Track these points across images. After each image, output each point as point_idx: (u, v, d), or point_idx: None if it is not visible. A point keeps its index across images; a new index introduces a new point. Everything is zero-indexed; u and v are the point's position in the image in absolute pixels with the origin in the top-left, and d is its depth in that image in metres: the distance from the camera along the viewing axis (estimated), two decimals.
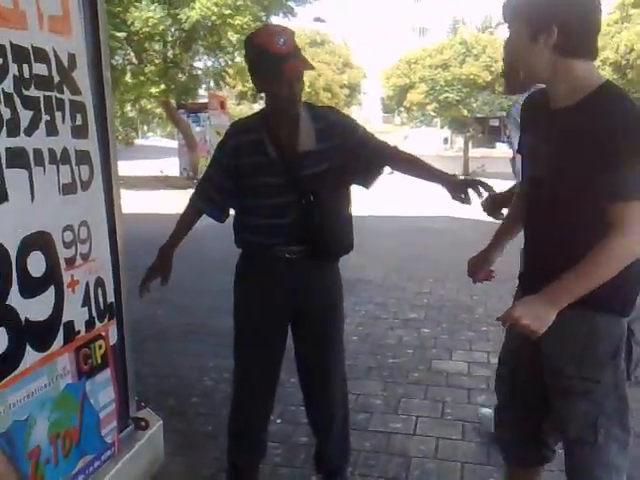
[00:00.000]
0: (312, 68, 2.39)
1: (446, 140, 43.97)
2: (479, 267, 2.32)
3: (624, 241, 1.65)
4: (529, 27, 1.73)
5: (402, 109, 33.53)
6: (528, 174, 1.96)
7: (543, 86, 1.87)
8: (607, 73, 24.87)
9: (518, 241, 2.27)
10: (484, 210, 2.49)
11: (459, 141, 36.03)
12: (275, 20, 21.58)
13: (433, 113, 31.82)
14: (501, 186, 2.60)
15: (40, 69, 2.12)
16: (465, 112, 30.55)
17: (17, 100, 2.01)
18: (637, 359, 1.83)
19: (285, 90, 2.33)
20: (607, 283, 1.67)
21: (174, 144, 28.77)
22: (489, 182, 2.31)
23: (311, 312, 2.58)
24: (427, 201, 15.13)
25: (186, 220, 2.65)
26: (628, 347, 1.81)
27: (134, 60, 20.49)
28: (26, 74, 2.05)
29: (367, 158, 2.54)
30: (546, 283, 1.73)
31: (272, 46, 2.26)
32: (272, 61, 2.26)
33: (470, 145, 32.52)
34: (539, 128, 1.87)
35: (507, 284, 4.76)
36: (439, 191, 2.51)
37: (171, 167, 23.62)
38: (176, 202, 13.89)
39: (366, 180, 2.59)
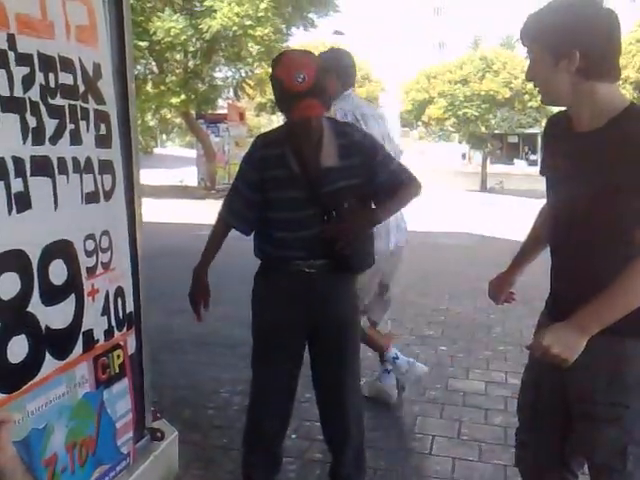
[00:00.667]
0: (327, 109, 2.37)
1: (464, 156, 43.91)
2: (500, 289, 2.29)
3: None
4: (550, 52, 1.71)
5: (420, 124, 33.59)
6: (554, 197, 1.93)
7: None
8: (627, 92, 24.76)
9: (536, 261, 2.25)
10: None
11: (477, 157, 35.97)
12: (295, 32, 21.72)
13: (452, 128, 31.85)
14: (520, 203, 2.59)
15: (66, 78, 2.13)
16: (484, 128, 30.54)
17: (43, 109, 2.02)
18: None
19: (298, 126, 2.35)
20: (636, 308, 1.64)
21: (192, 153, 28.95)
22: (507, 199, 2.29)
23: (327, 327, 2.58)
24: (444, 217, 15.11)
25: (217, 237, 2.65)
26: None
27: (155, 70, 20.66)
28: (52, 83, 2.07)
29: (381, 186, 2.56)
30: (573, 308, 1.70)
31: (289, 82, 2.24)
32: (287, 98, 2.27)
33: (488, 161, 32.49)
34: (563, 151, 1.85)
35: (526, 304, 4.73)
36: (457, 207, 2.49)
37: (189, 177, 23.74)
38: (193, 212, 13.91)
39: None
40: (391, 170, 2.59)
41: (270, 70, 2.38)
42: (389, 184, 2.57)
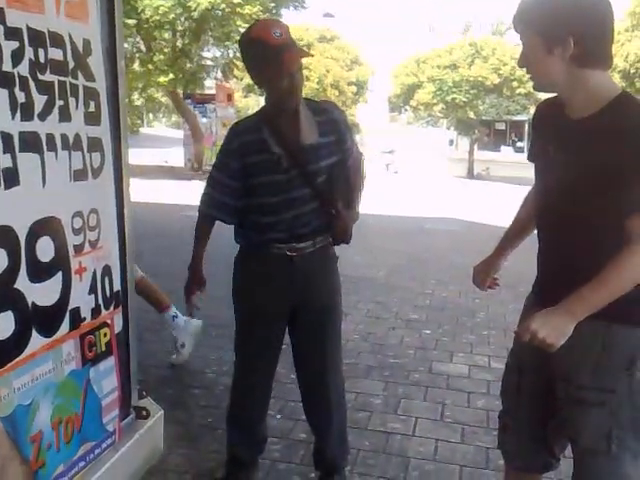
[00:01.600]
0: (310, 55, 2.40)
1: (452, 142, 43.93)
2: (484, 275, 2.29)
3: None
4: (544, 39, 1.70)
5: (408, 108, 33.52)
6: (543, 182, 1.94)
7: None
8: (615, 80, 24.78)
9: (520, 247, 2.26)
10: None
11: (464, 143, 35.99)
12: (285, 13, 21.55)
13: (440, 114, 31.81)
14: (506, 190, 2.60)
15: (55, 54, 2.11)
16: (472, 114, 30.53)
17: (32, 84, 2.00)
18: None
19: (286, 81, 2.32)
20: (623, 294, 1.66)
21: (178, 134, 28.76)
22: (493, 186, 2.30)
23: (309, 310, 2.59)
24: (432, 202, 15.16)
25: (203, 233, 2.63)
26: None
27: (143, 48, 20.43)
28: (42, 58, 2.05)
29: (350, 168, 2.62)
30: (560, 292, 1.71)
31: (269, 38, 2.26)
32: (271, 53, 2.26)
33: (475, 148, 32.53)
34: (555, 137, 1.85)
35: (510, 289, 4.77)
36: (444, 193, 2.52)
37: (175, 157, 23.57)
38: (180, 192, 13.79)
39: None
40: (355, 153, 2.64)
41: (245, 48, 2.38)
42: (354, 167, 2.63)
